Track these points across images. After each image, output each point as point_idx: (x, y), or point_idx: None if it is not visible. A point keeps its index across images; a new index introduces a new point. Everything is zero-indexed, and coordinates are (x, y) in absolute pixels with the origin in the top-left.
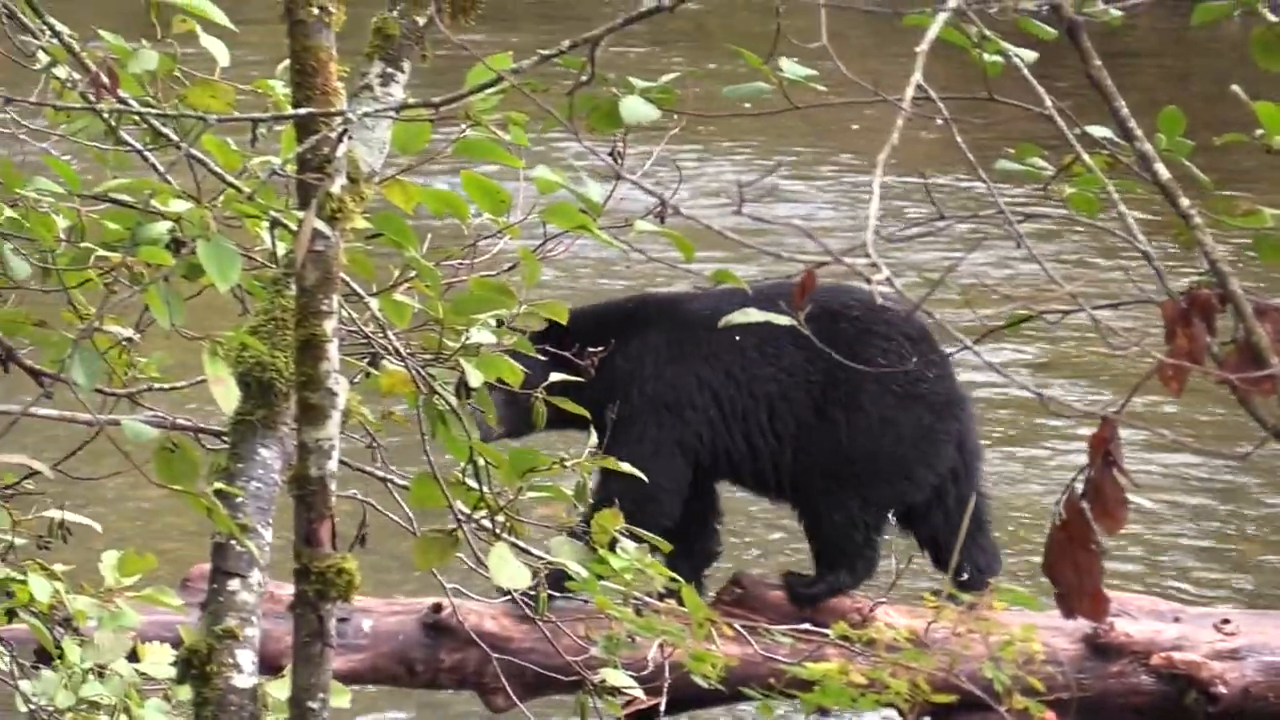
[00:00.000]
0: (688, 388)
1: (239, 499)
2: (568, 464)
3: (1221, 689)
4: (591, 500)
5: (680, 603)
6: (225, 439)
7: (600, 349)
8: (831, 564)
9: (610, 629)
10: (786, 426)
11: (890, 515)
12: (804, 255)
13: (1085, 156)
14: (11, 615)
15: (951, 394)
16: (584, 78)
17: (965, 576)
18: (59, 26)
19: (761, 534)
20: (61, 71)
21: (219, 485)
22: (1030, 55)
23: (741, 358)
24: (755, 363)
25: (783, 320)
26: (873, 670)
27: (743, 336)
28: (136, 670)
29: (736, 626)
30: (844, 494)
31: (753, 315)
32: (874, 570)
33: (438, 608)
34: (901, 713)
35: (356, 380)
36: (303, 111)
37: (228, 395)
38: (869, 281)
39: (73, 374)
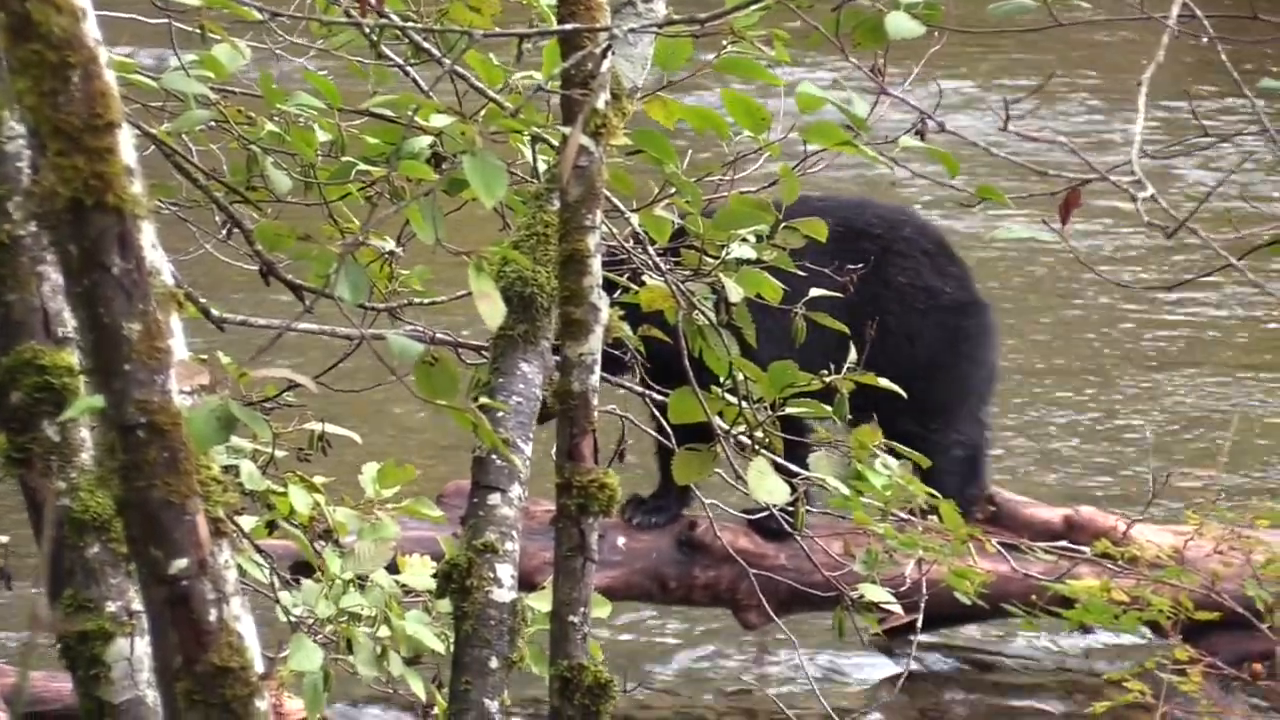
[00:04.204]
0: None
1: (500, 414)
2: (828, 379)
3: None
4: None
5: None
6: (485, 354)
7: (861, 266)
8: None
9: (869, 545)
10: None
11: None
12: (1068, 172)
13: None
14: (272, 528)
15: (973, 300)
16: None
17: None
18: None
19: (1016, 451)
20: None
21: (483, 400)
22: None
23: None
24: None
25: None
26: (1135, 588)
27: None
28: (396, 582)
29: (996, 544)
30: (909, 417)
31: (1018, 231)
32: (980, 477)
33: (693, 525)
34: (1159, 630)
35: (616, 295)
36: (568, 27)
37: (493, 310)
38: (1134, 199)
39: (338, 289)
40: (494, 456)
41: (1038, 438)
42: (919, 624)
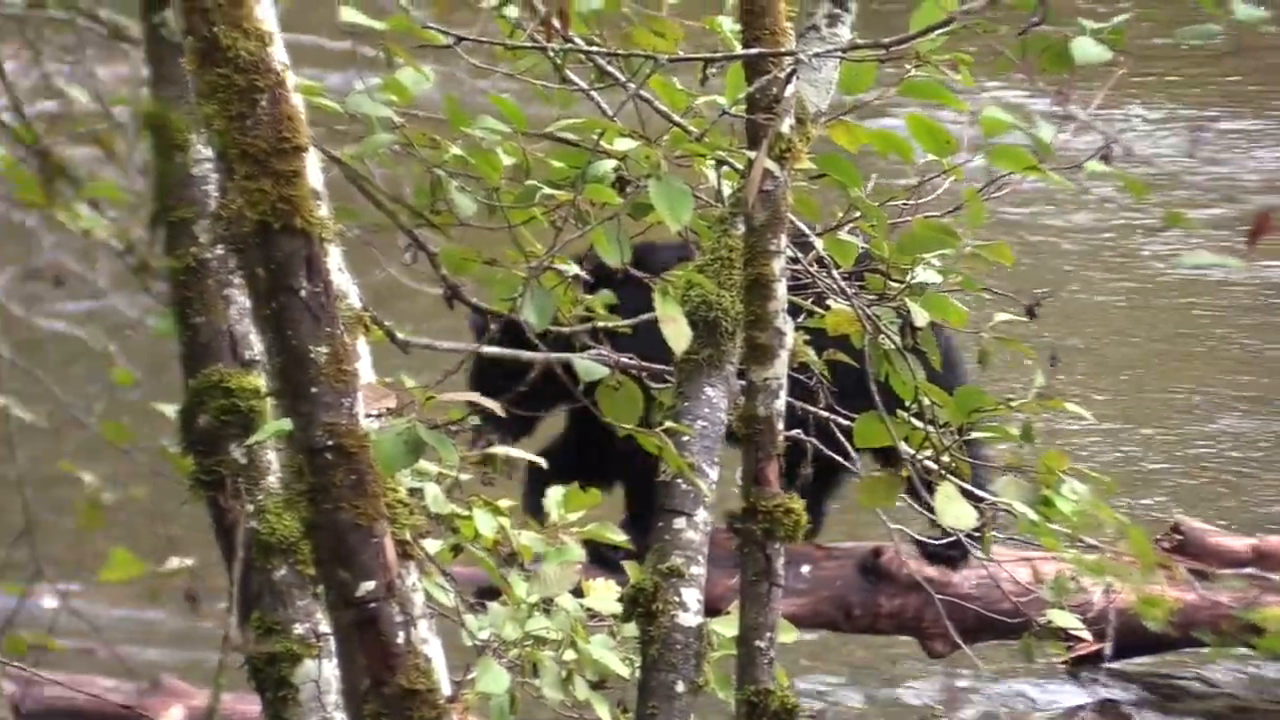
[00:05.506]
0: None
1: (685, 438)
2: (1014, 404)
3: None
4: None
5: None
6: (669, 377)
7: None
8: None
9: (1058, 572)
10: None
11: None
12: (1258, 197)
13: None
14: (456, 551)
15: None
16: (1035, 18)
17: None
18: None
19: (1201, 480)
20: (511, 11)
21: (668, 424)
22: None
23: None
24: None
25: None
26: None
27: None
28: (582, 606)
29: (1185, 572)
30: None
31: (1203, 258)
32: None
33: (878, 552)
34: None
35: (802, 320)
36: (752, 52)
37: (679, 334)
38: None
39: (524, 312)
40: (679, 481)
41: (1224, 467)
42: (1107, 651)
